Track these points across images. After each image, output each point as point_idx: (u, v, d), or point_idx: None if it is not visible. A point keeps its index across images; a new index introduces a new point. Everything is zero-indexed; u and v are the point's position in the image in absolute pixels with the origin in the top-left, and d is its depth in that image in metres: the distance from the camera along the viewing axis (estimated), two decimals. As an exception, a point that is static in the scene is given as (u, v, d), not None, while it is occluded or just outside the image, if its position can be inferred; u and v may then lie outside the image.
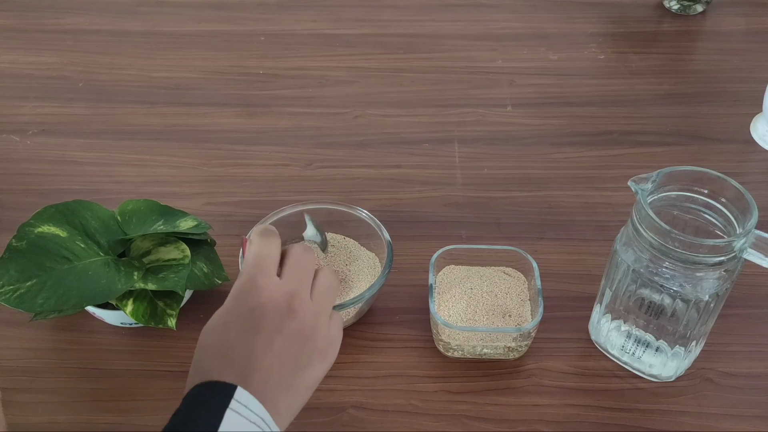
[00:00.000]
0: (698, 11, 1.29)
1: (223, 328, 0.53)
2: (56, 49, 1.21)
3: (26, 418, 0.72)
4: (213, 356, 0.52)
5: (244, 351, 0.51)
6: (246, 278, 0.54)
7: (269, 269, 0.54)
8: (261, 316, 0.52)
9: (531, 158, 1.00)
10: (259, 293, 0.53)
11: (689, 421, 0.71)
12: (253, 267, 0.54)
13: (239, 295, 0.54)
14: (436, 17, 1.28)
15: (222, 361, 0.51)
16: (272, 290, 0.53)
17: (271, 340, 0.52)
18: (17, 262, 0.70)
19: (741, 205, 0.65)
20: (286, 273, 0.55)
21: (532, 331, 0.73)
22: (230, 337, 0.52)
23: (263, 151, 1.01)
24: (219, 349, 0.52)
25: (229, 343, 0.52)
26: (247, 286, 0.54)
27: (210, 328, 0.54)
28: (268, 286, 0.53)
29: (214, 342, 0.52)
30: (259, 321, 0.52)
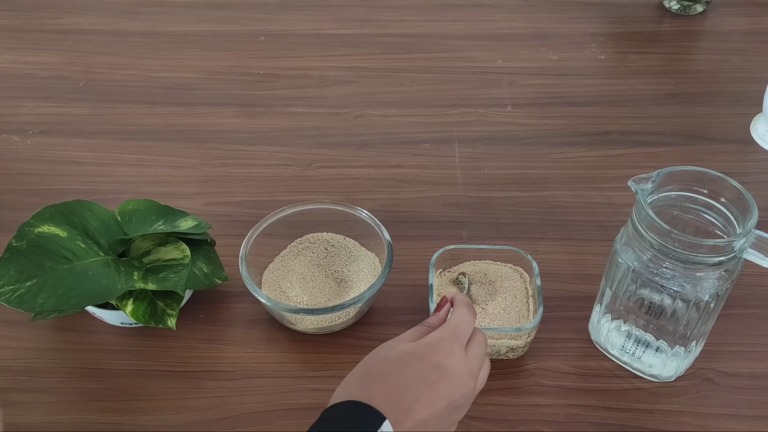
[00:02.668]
0: (698, 11, 1.29)
1: (405, 364, 0.56)
2: (56, 49, 1.21)
3: (26, 418, 0.72)
4: (382, 383, 0.55)
5: (411, 397, 0.54)
6: (444, 337, 0.58)
7: (464, 341, 0.59)
8: (441, 377, 0.56)
9: (531, 158, 1.00)
10: (449, 357, 0.57)
11: (689, 421, 0.71)
12: (454, 331, 0.59)
13: (433, 347, 0.57)
14: (436, 17, 1.28)
15: (388, 392, 0.54)
16: (460, 362, 0.57)
17: (438, 403, 0.55)
18: (17, 262, 0.70)
19: (741, 205, 0.65)
20: (473, 351, 0.59)
21: (532, 331, 0.73)
22: (406, 378, 0.55)
23: (263, 151, 1.01)
24: (389, 381, 0.55)
25: (402, 382, 0.55)
26: (444, 344, 0.58)
27: (389, 356, 0.57)
28: (459, 356, 0.58)
29: (389, 372, 0.56)
30: (437, 379, 0.56)
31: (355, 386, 0.56)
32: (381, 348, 0.59)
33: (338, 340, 0.78)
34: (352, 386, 0.56)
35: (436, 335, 0.59)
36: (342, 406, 0.54)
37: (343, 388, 0.56)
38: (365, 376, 0.56)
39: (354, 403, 0.53)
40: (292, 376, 0.75)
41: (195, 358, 0.77)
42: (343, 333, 0.79)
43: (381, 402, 0.53)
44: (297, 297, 0.79)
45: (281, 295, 0.79)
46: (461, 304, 0.62)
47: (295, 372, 0.75)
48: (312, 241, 0.85)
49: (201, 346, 0.78)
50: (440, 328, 0.59)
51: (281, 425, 0.71)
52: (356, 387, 0.55)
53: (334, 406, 0.54)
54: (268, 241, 0.82)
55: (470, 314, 0.61)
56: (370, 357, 0.58)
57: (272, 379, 0.75)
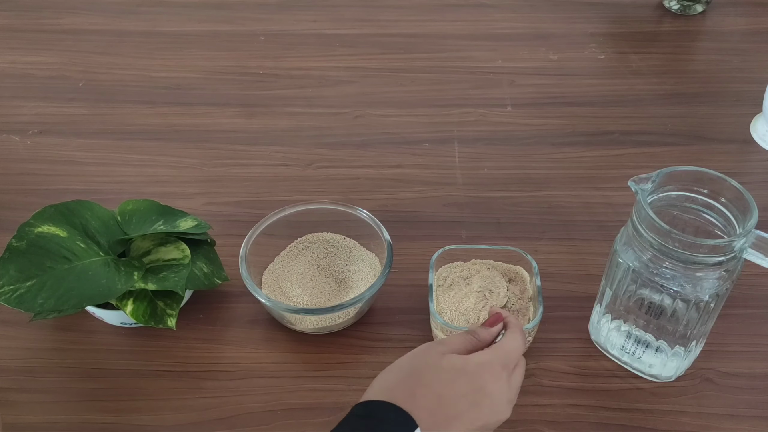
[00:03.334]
0: (698, 11, 1.29)
1: (453, 379, 0.57)
2: (56, 49, 1.21)
3: (25, 418, 0.72)
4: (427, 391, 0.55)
5: (452, 413, 0.55)
6: (496, 362, 0.59)
7: (511, 366, 0.60)
8: (484, 401, 0.56)
9: (531, 158, 1.00)
10: (495, 382, 0.58)
11: (689, 421, 0.71)
12: (505, 358, 0.59)
13: (484, 368, 0.58)
14: (436, 17, 1.28)
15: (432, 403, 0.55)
16: (504, 390, 0.58)
17: (474, 424, 0.56)
18: (17, 262, 0.70)
19: (741, 205, 0.65)
20: (515, 381, 0.60)
21: (532, 331, 0.73)
22: (452, 393, 0.56)
23: (263, 151, 1.01)
24: (436, 391, 0.55)
25: (447, 396, 0.55)
26: (494, 370, 0.58)
27: (440, 366, 0.57)
28: (504, 384, 0.58)
29: (437, 382, 0.56)
30: (480, 401, 0.56)
31: (400, 387, 0.56)
32: (429, 351, 0.59)
33: (338, 340, 0.78)
34: (395, 386, 0.56)
35: (488, 357, 0.59)
36: (381, 405, 0.54)
37: (386, 385, 0.56)
38: (412, 381, 0.56)
39: (392, 406, 0.53)
40: (291, 376, 0.75)
41: (195, 358, 0.77)
42: (343, 333, 0.79)
43: (422, 411, 0.54)
44: (297, 297, 0.79)
45: (281, 295, 0.79)
46: (516, 330, 0.62)
47: (294, 372, 0.75)
48: (312, 241, 0.85)
49: (201, 346, 0.78)
50: (492, 351, 0.60)
51: (281, 425, 0.71)
52: (400, 389, 0.55)
53: (371, 403, 0.54)
54: (268, 241, 0.82)
55: (522, 341, 0.62)
56: (418, 359, 0.58)
57: (272, 379, 0.75)
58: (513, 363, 0.60)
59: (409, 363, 0.58)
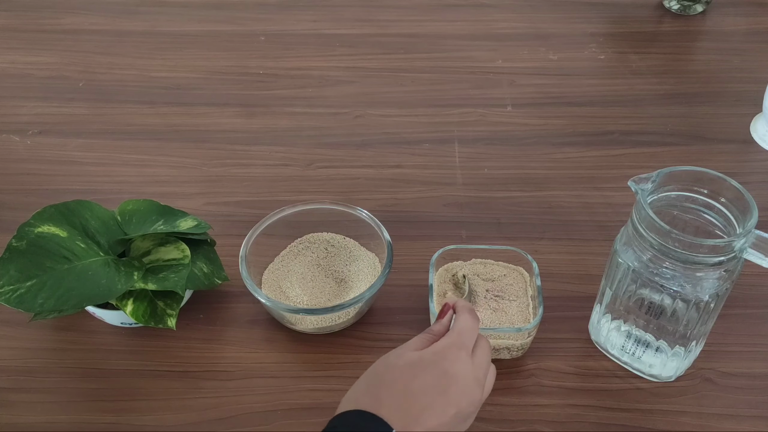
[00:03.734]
0: (698, 11, 1.29)
1: (414, 372, 0.56)
2: (56, 49, 1.21)
3: (26, 418, 0.72)
4: (391, 391, 0.55)
5: (420, 406, 0.55)
6: (452, 344, 0.58)
7: (470, 347, 0.59)
8: (450, 385, 0.56)
9: (531, 158, 1.00)
10: (457, 363, 0.57)
11: (689, 421, 0.71)
12: (460, 337, 0.59)
13: (441, 354, 0.58)
14: (436, 17, 1.28)
15: (397, 401, 0.55)
16: (467, 369, 0.58)
17: (446, 411, 0.55)
18: (17, 262, 0.70)
19: (741, 205, 0.65)
20: (479, 358, 0.59)
21: (532, 331, 0.73)
22: (415, 386, 0.56)
23: (263, 151, 1.01)
24: (398, 390, 0.55)
25: (411, 391, 0.55)
26: (452, 352, 0.58)
27: (398, 364, 0.57)
28: (467, 363, 0.58)
29: (398, 380, 0.56)
30: (446, 387, 0.56)
31: (363, 395, 0.56)
32: (388, 356, 0.59)
33: (338, 340, 0.78)
34: (360, 395, 0.56)
35: (443, 343, 0.59)
36: (350, 415, 0.54)
37: (351, 397, 0.56)
38: (373, 385, 0.56)
39: (361, 413, 0.53)
40: (291, 376, 0.75)
41: (194, 358, 0.77)
42: (343, 333, 0.79)
43: (389, 411, 0.53)
44: (297, 297, 0.79)
45: (281, 295, 0.79)
46: (464, 310, 0.62)
47: (294, 372, 0.75)
48: (312, 241, 0.85)
49: (201, 346, 0.78)
50: (446, 336, 0.60)
51: (281, 425, 0.71)
52: (364, 396, 0.55)
53: (341, 416, 0.54)
54: (268, 241, 0.82)
55: (474, 320, 0.61)
56: (378, 365, 0.58)
57: (272, 379, 0.75)
58: (470, 342, 0.59)
59: (370, 371, 0.58)
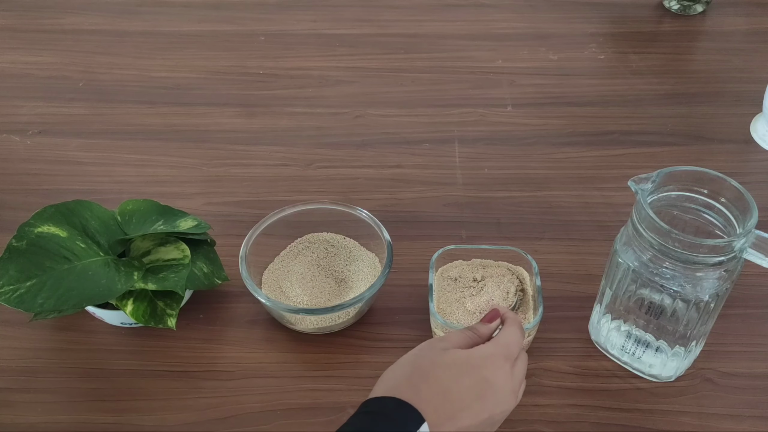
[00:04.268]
0: (698, 11, 1.29)
1: (458, 372, 0.57)
2: (56, 49, 1.21)
3: (26, 418, 0.72)
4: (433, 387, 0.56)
5: (458, 406, 0.55)
6: (498, 354, 0.59)
7: (513, 357, 0.60)
8: (488, 390, 0.57)
9: (531, 158, 1.00)
10: (498, 372, 0.58)
11: (689, 421, 0.71)
12: (507, 349, 0.60)
13: (486, 360, 0.58)
14: (436, 17, 1.28)
15: (437, 397, 0.55)
16: (507, 380, 0.58)
17: (480, 415, 0.56)
18: (17, 262, 0.70)
19: (741, 205, 0.65)
20: (517, 371, 0.60)
21: (532, 331, 0.73)
22: (458, 387, 0.56)
23: (263, 151, 1.01)
24: (441, 387, 0.56)
25: (453, 390, 0.56)
26: (497, 361, 0.59)
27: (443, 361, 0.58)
28: (508, 374, 0.59)
29: (441, 376, 0.57)
30: (485, 393, 0.57)
31: (405, 384, 0.56)
32: (432, 347, 0.59)
33: (338, 340, 0.78)
34: (401, 384, 0.56)
35: (490, 350, 0.59)
36: (389, 402, 0.54)
37: (391, 383, 0.56)
38: (416, 377, 0.56)
39: (400, 403, 0.54)
40: (291, 376, 0.75)
41: (195, 358, 0.77)
42: (343, 333, 0.79)
43: (428, 405, 0.54)
44: (297, 297, 0.79)
45: (281, 295, 0.79)
46: (514, 323, 0.63)
47: (294, 372, 0.75)
48: (312, 241, 0.85)
49: (201, 346, 0.78)
50: (494, 343, 0.60)
51: (281, 425, 0.71)
52: (405, 385, 0.56)
53: (380, 400, 0.55)
54: (268, 241, 0.82)
55: (521, 335, 0.62)
56: (421, 356, 0.58)
57: (272, 379, 0.75)
58: (514, 355, 0.60)
59: (413, 360, 0.58)
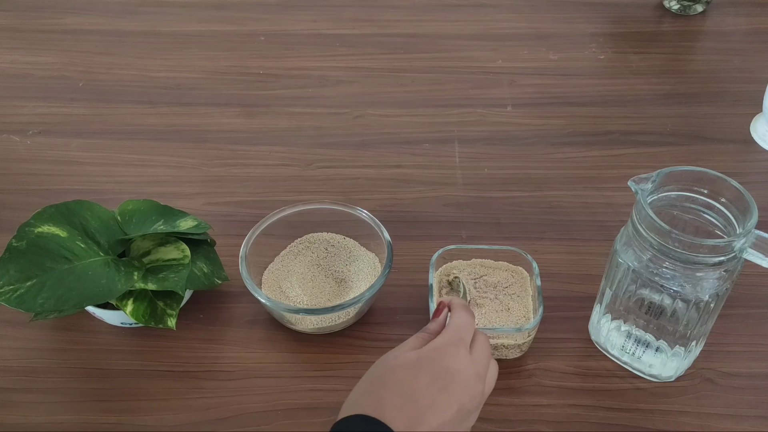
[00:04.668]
0: (698, 11, 1.29)
1: (414, 371, 0.56)
2: (56, 49, 1.21)
3: (27, 418, 0.72)
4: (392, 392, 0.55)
5: (423, 404, 0.54)
6: (449, 341, 0.58)
7: (468, 342, 0.59)
8: (451, 381, 0.56)
9: (531, 158, 1.00)
10: (455, 359, 0.57)
11: (689, 421, 0.71)
12: (457, 333, 0.59)
13: (440, 351, 0.58)
14: (436, 17, 1.28)
15: (400, 401, 0.54)
16: (467, 365, 0.57)
17: (449, 408, 0.55)
18: (17, 262, 0.70)
19: (741, 205, 0.65)
20: (477, 353, 0.59)
21: (532, 331, 0.73)
22: (417, 384, 0.55)
23: (263, 151, 1.01)
24: (400, 390, 0.55)
25: (414, 389, 0.55)
26: (450, 348, 0.58)
27: (398, 364, 0.57)
28: (466, 358, 0.58)
29: (399, 379, 0.56)
30: (447, 383, 0.56)
31: (365, 398, 0.55)
32: (386, 357, 0.59)
33: (338, 340, 0.78)
34: (362, 398, 0.55)
35: (441, 340, 0.59)
36: (352, 420, 0.53)
37: (352, 401, 0.56)
38: (374, 387, 0.56)
39: (364, 418, 0.53)
40: (291, 376, 0.75)
41: (195, 358, 0.77)
42: (343, 333, 0.79)
43: (392, 412, 0.53)
44: (297, 297, 0.79)
45: (281, 295, 0.79)
46: (459, 308, 0.62)
47: (294, 372, 0.75)
48: (312, 241, 0.85)
49: (201, 346, 0.78)
50: (443, 333, 0.60)
51: (281, 425, 0.71)
52: (366, 399, 0.55)
53: (344, 421, 0.54)
54: (268, 241, 0.82)
55: (469, 316, 0.61)
56: (377, 367, 0.58)
57: (272, 379, 0.75)
58: (468, 337, 0.59)
59: (369, 373, 0.58)
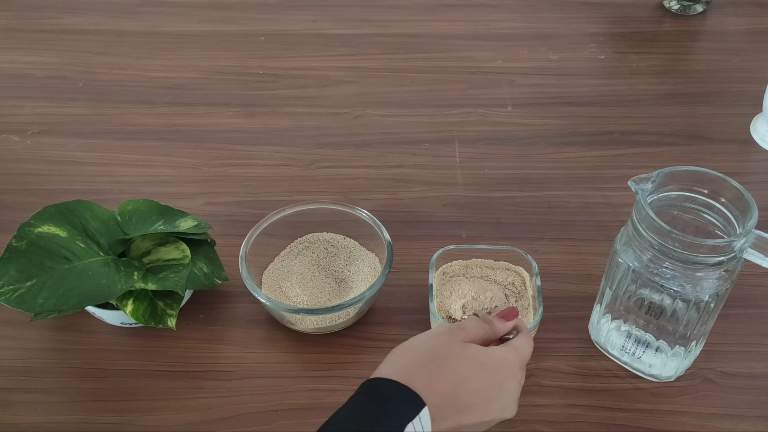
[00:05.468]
0: (698, 11, 1.29)
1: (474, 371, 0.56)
2: (56, 49, 1.21)
3: (26, 418, 0.72)
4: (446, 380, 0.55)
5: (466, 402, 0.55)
6: (516, 362, 0.59)
7: (524, 368, 0.61)
8: (498, 397, 0.57)
9: (531, 158, 1.00)
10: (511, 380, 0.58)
11: (689, 421, 0.71)
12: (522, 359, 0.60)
13: (504, 364, 0.58)
14: (436, 17, 1.28)
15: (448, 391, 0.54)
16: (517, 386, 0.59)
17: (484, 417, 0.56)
18: (17, 262, 0.70)
19: (741, 205, 0.65)
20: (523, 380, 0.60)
21: (532, 330, 0.73)
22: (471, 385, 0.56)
23: (263, 151, 1.01)
24: (455, 382, 0.55)
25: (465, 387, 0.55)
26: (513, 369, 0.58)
27: (463, 355, 0.57)
28: (518, 381, 0.59)
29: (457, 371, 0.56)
30: (494, 397, 0.57)
31: (420, 371, 0.55)
32: (451, 337, 0.58)
33: (338, 340, 0.78)
34: (417, 369, 0.55)
35: (509, 355, 0.59)
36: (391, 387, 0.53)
37: (403, 365, 0.55)
38: (432, 365, 0.55)
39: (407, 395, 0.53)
40: (292, 376, 0.75)
41: (195, 358, 0.77)
42: (343, 333, 0.79)
43: (436, 397, 0.53)
44: (297, 297, 0.79)
45: (281, 295, 0.79)
46: (527, 333, 0.63)
47: (295, 372, 0.75)
48: (312, 241, 0.85)
49: (201, 346, 0.78)
50: (512, 349, 0.60)
51: (281, 425, 0.71)
52: (421, 373, 0.54)
53: (385, 383, 0.53)
54: (268, 241, 0.82)
55: (531, 347, 0.62)
56: (440, 344, 0.57)
57: (272, 379, 0.75)
58: (525, 365, 0.61)
59: (430, 347, 0.57)
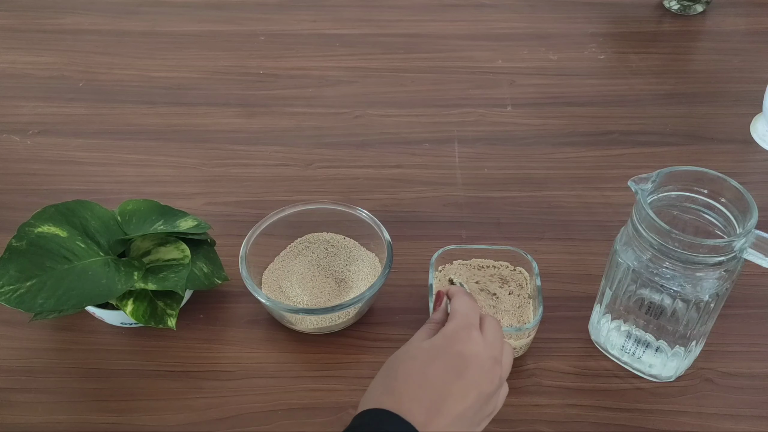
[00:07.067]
0: (698, 11, 1.29)
1: (428, 360, 0.55)
2: (56, 49, 1.21)
3: (26, 418, 0.72)
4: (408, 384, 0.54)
5: (440, 393, 0.53)
6: (459, 326, 0.58)
7: (475, 324, 0.58)
8: (467, 366, 0.55)
9: (531, 158, 1.00)
10: (470, 343, 0.56)
11: (689, 421, 0.71)
12: (464, 318, 0.58)
13: (452, 337, 0.57)
14: (436, 17, 1.28)
15: (416, 391, 0.53)
16: (481, 348, 0.57)
17: (468, 394, 0.54)
18: (17, 262, 0.70)
19: (741, 205, 0.65)
20: (489, 336, 0.58)
21: (532, 331, 0.73)
22: (432, 373, 0.54)
23: (263, 151, 1.01)
24: (416, 380, 0.54)
25: (429, 378, 0.54)
26: (462, 333, 0.57)
27: (410, 356, 0.57)
28: (480, 341, 0.57)
29: (413, 370, 0.55)
30: (463, 368, 0.55)
31: (382, 393, 0.54)
32: (398, 352, 0.58)
33: (338, 340, 0.78)
34: (379, 393, 0.55)
35: (450, 326, 0.58)
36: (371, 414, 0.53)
37: (370, 396, 0.55)
38: (390, 381, 0.55)
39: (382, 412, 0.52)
40: (292, 376, 0.75)
41: (195, 358, 0.77)
42: (343, 333, 0.79)
43: (410, 404, 0.52)
44: (297, 297, 0.79)
45: (281, 295, 0.79)
46: (458, 294, 0.62)
47: (295, 372, 0.75)
48: (312, 241, 0.85)
49: (201, 346, 0.78)
50: (450, 320, 0.59)
51: (281, 425, 0.71)
52: (383, 394, 0.54)
53: (362, 415, 0.53)
54: (268, 241, 0.82)
55: (471, 300, 0.61)
56: (391, 362, 0.57)
57: (272, 379, 0.75)
58: (475, 321, 0.58)
59: (385, 368, 0.57)
